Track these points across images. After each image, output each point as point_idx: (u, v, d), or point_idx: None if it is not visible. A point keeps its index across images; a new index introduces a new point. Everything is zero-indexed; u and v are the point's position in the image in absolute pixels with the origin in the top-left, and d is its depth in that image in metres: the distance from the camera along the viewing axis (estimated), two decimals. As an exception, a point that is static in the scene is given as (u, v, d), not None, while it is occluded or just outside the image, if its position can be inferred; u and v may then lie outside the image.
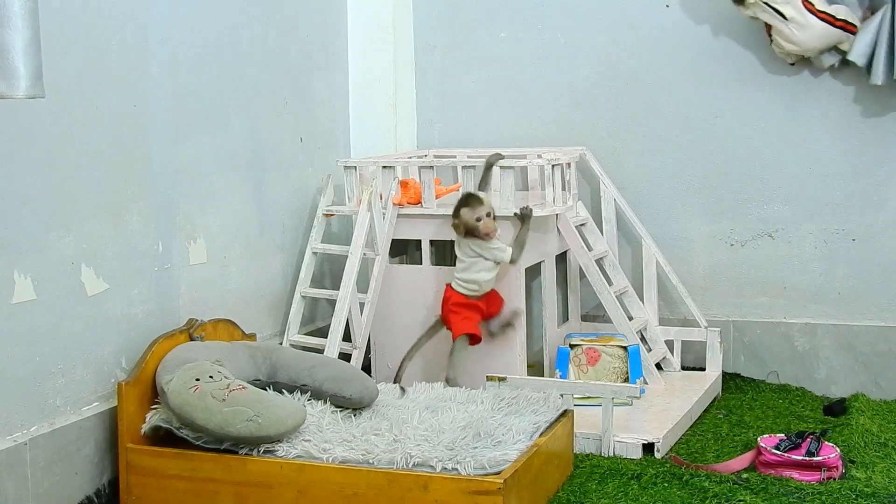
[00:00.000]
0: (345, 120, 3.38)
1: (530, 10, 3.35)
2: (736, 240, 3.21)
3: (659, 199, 3.28)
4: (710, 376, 3.08)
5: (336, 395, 2.43)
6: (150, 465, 2.28)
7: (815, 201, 3.12)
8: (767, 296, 3.19)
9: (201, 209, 2.68)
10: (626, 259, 3.28)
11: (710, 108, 3.19)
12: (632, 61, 3.26)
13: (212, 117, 2.72)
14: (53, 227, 2.22)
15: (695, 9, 3.18)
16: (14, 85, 1.75)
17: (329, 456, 2.19)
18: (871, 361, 3.08)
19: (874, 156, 3.06)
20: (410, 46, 3.47)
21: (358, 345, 2.83)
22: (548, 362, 3.02)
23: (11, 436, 2.13)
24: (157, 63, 2.50)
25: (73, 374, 2.28)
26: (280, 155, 3.02)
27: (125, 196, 2.42)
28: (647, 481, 2.37)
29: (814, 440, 2.41)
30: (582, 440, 2.59)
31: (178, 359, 2.33)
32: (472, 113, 3.44)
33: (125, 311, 2.42)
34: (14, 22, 1.74)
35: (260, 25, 2.91)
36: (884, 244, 3.07)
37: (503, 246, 2.77)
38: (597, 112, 3.30)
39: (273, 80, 2.98)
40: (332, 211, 3.06)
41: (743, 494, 2.25)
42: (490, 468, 2.10)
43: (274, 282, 3.00)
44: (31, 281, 2.16)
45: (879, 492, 2.27)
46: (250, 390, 2.26)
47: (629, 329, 2.98)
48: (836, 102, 3.06)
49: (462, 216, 2.74)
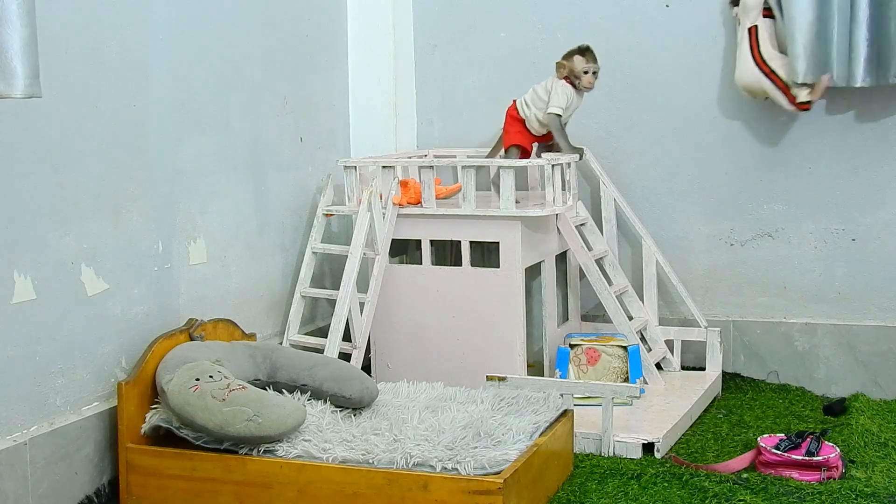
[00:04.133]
0: (345, 120, 3.38)
1: (530, 10, 3.35)
2: (736, 240, 3.21)
3: (659, 199, 3.28)
4: (710, 376, 3.08)
5: (336, 394, 2.43)
6: (150, 465, 2.28)
7: (815, 201, 3.12)
8: (767, 296, 3.20)
9: (201, 209, 2.68)
10: (626, 259, 3.28)
11: (709, 108, 3.19)
12: (632, 61, 3.26)
13: (212, 117, 2.72)
14: (53, 227, 2.22)
15: (695, 9, 3.18)
16: (12, 84, 1.75)
17: (329, 456, 2.19)
18: (871, 361, 3.08)
19: (874, 156, 3.06)
20: (410, 46, 3.47)
21: (358, 345, 2.83)
22: (548, 362, 3.03)
23: (11, 436, 2.13)
24: (157, 63, 2.50)
25: (73, 374, 2.28)
26: (280, 155, 3.02)
27: (125, 196, 2.42)
28: (647, 481, 2.37)
29: (814, 440, 2.41)
30: (582, 440, 2.59)
31: (178, 359, 2.33)
32: (472, 113, 3.44)
33: (125, 311, 2.42)
34: (12, 21, 1.74)
35: (260, 25, 2.91)
36: (884, 244, 3.07)
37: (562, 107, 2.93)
38: (597, 112, 3.30)
39: (273, 80, 2.98)
40: (332, 211, 3.06)
41: (743, 494, 2.25)
42: (490, 468, 2.10)
43: (274, 282, 3.00)
44: (31, 281, 2.16)
45: (879, 492, 2.27)
46: (250, 390, 2.26)
47: (629, 329, 2.98)
48: (836, 102, 3.06)
49: (574, 61, 2.92)
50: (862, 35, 2.85)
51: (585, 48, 2.95)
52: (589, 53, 2.94)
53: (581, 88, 2.95)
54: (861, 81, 2.87)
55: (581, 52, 2.94)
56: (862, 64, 2.86)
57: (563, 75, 2.95)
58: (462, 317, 2.90)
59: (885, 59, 2.85)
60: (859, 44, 2.86)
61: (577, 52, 2.94)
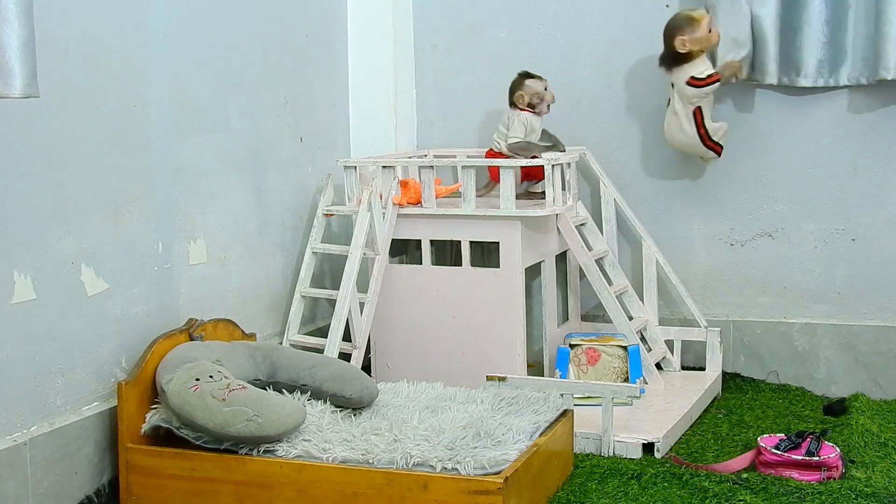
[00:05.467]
0: (345, 120, 3.38)
1: (530, 10, 3.35)
2: (736, 239, 3.21)
3: (659, 199, 3.28)
4: (710, 376, 3.08)
5: (336, 394, 2.43)
6: (150, 465, 2.28)
7: (815, 201, 3.12)
8: (767, 296, 3.20)
9: (201, 209, 2.68)
10: (626, 259, 3.28)
11: (709, 108, 3.19)
12: (632, 61, 3.26)
13: (212, 117, 2.72)
14: (53, 227, 2.22)
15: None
16: (10, 84, 1.75)
17: (329, 456, 2.19)
18: (871, 361, 3.08)
19: (874, 156, 3.06)
20: (410, 46, 3.47)
21: (358, 345, 2.83)
22: (548, 362, 3.03)
23: (11, 436, 2.13)
24: (157, 63, 2.50)
25: (73, 373, 2.28)
26: (280, 155, 3.02)
27: (125, 196, 2.42)
28: (647, 481, 2.37)
29: (814, 440, 2.41)
30: (582, 440, 2.59)
31: (178, 358, 2.33)
32: (472, 113, 3.44)
33: (125, 311, 2.42)
34: (10, 21, 1.74)
35: (260, 25, 2.91)
36: (884, 244, 3.07)
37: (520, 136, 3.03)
38: (597, 112, 3.30)
39: (273, 80, 2.98)
40: (332, 211, 3.06)
41: (743, 494, 2.25)
42: (490, 468, 2.10)
43: (274, 282, 3.00)
44: (31, 281, 2.16)
45: (879, 492, 2.27)
46: (250, 390, 2.26)
47: (629, 329, 2.98)
48: (836, 102, 3.07)
49: (528, 85, 3.05)
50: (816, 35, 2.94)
51: (527, 72, 3.08)
52: (533, 75, 3.07)
53: (544, 108, 3.06)
54: (814, 81, 2.98)
55: (527, 76, 3.07)
56: (814, 64, 2.96)
57: (526, 103, 3.05)
58: (462, 317, 2.90)
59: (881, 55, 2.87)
60: (813, 42, 2.95)
61: (524, 78, 3.07)
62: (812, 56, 2.96)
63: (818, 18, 2.94)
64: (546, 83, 3.08)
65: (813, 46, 2.95)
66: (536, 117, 3.07)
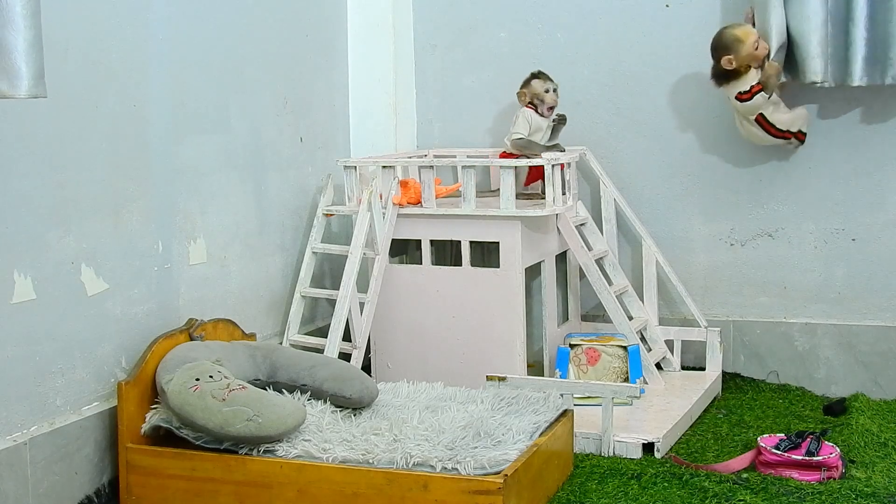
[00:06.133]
0: (345, 120, 3.38)
1: (530, 10, 3.35)
2: (736, 239, 3.21)
3: (659, 199, 3.28)
4: (710, 376, 3.08)
5: (336, 394, 2.43)
6: (150, 465, 2.28)
7: (815, 201, 3.12)
8: (767, 296, 3.20)
9: (201, 209, 2.68)
10: (626, 259, 3.28)
11: (710, 108, 3.19)
12: (632, 61, 3.26)
13: (212, 117, 2.72)
14: (53, 227, 2.22)
15: (695, 9, 3.18)
16: (16, 84, 1.76)
17: (329, 456, 2.19)
18: (871, 361, 3.08)
19: (874, 156, 3.06)
20: (410, 46, 3.47)
21: (358, 345, 2.83)
22: (548, 362, 3.03)
23: (11, 436, 2.13)
24: (156, 63, 2.50)
25: (73, 373, 2.28)
26: (280, 155, 3.02)
27: (125, 196, 2.42)
28: (647, 481, 2.37)
29: (814, 440, 2.41)
30: (582, 440, 2.59)
31: (178, 358, 2.33)
32: (472, 113, 3.44)
33: (125, 310, 2.42)
34: (17, 22, 1.74)
35: (260, 25, 2.91)
36: (884, 244, 3.07)
37: (523, 133, 3.05)
38: (597, 112, 3.30)
39: (273, 80, 2.98)
40: (332, 211, 3.06)
41: (743, 494, 2.25)
42: (490, 468, 2.10)
43: (274, 282, 3.00)
44: (31, 281, 2.16)
45: (879, 492, 2.27)
46: (250, 390, 2.26)
47: (629, 329, 2.98)
48: (836, 102, 3.06)
49: (533, 85, 3.09)
50: (860, 33, 2.86)
51: (538, 72, 3.12)
52: (543, 75, 3.11)
53: (545, 111, 3.09)
54: (858, 80, 2.88)
55: (536, 76, 3.11)
56: (860, 62, 2.87)
57: (526, 102, 3.10)
58: (462, 317, 2.90)
59: (882, 59, 2.85)
60: (856, 41, 2.87)
61: (532, 77, 3.11)
62: (819, 57, 2.93)
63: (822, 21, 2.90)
64: (551, 86, 3.10)
65: (820, 47, 2.92)
66: (541, 116, 3.08)
